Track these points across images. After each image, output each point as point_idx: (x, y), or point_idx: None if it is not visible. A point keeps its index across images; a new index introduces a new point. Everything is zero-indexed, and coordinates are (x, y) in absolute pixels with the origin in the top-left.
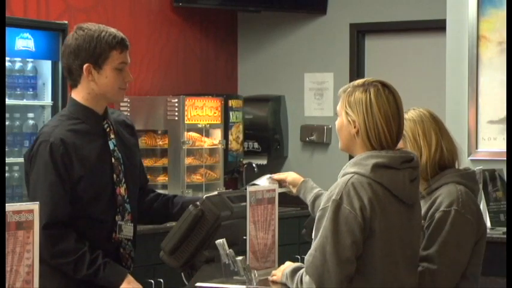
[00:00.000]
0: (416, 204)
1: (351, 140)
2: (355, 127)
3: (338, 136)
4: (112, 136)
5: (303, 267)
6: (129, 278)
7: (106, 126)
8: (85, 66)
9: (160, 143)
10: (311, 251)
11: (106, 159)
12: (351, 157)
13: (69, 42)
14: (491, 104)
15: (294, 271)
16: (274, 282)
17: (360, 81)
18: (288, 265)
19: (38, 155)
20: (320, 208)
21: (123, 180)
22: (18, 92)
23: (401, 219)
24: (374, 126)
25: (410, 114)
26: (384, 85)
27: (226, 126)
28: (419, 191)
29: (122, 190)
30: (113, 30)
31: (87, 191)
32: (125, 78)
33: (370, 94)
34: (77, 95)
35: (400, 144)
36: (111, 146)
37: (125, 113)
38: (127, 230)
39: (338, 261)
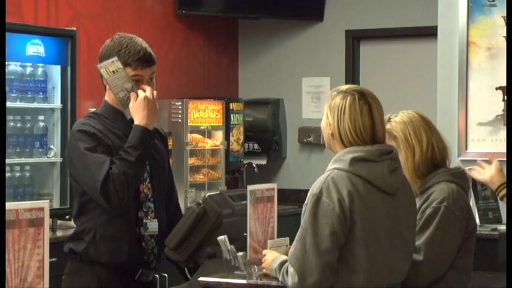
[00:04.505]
0: (400, 193)
1: (330, 140)
2: (331, 130)
3: None
4: None
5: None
6: (139, 118)
7: None
8: None
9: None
10: (293, 243)
11: None
12: None
13: (100, 49)
14: (480, 107)
15: (281, 264)
16: (266, 275)
17: (344, 87)
18: (273, 257)
19: (73, 140)
20: (304, 204)
21: (148, 180)
22: (29, 96)
23: (386, 209)
24: (344, 132)
25: (399, 117)
26: (362, 95)
27: (227, 128)
28: (414, 190)
29: (144, 188)
30: (137, 46)
31: None
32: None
33: (346, 102)
34: (108, 97)
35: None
36: None
37: None
38: (152, 226)
39: (317, 251)
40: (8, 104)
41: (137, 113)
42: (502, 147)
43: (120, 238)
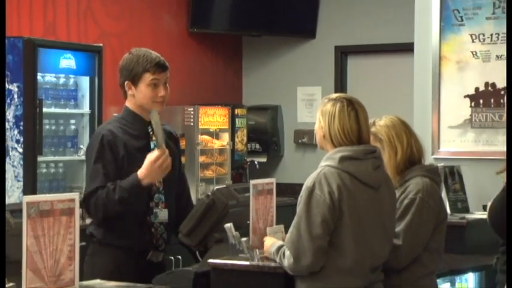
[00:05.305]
0: (383, 187)
1: (322, 141)
2: (323, 132)
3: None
4: (154, 138)
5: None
6: (140, 172)
7: (150, 130)
8: (126, 83)
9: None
10: (290, 229)
11: (146, 155)
12: None
13: (120, 62)
14: (451, 113)
15: (278, 248)
16: (267, 257)
17: (334, 95)
18: (272, 243)
19: (91, 144)
20: (299, 196)
21: None
22: (62, 103)
23: (370, 201)
24: (334, 134)
25: (383, 121)
26: (350, 102)
27: (233, 131)
28: (394, 184)
29: (156, 182)
30: (152, 55)
31: (127, 172)
32: (158, 93)
33: (336, 108)
34: (128, 103)
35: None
36: (152, 146)
37: None
38: (162, 215)
39: (310, 236)
40: (44, 110)
41: (145, 166)
42: (469, 147)
43: (133, 225)
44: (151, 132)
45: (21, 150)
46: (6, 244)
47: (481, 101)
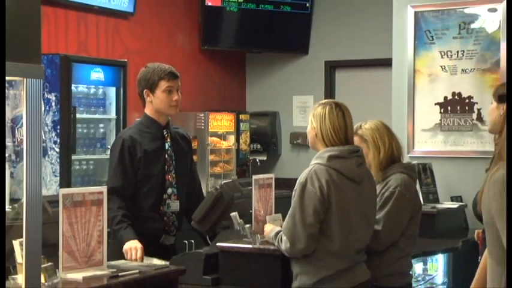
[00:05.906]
0: (365, 182)
1: (314, 140)
2: (315, 132)
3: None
4: (168, 140)
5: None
6: (131, 241)
7: (165, 133)
8: (144, 91)
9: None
10: (286, 218)
11: (161, 154)
12: None
13: (138, 75)
14: (423, 118)
15: (276, 234)
16: (267, 241)
17: (324, 100)
18: (271, 229)
19: (114, 146)
20: (294, 190)
21: (173, 171)
22: (92, 109)
23: (354, 194)
24: (326, 133)
25: (369, 125)
26: (337, 105)
27: (237, 133)
28: (376, 179)
29: (170, 177)
30: (165, 66)
31: (144, 170)
32: (173, 98)
33: (325, 110)
34: (147, 110)
35: (363, 147)
36: (166, 146)
37: None
38: (174, 205)
39: (303, 224)
40: (77, 115)
41: (129, 244)
42: (439, 147)
43: (148, 214)
44: (166, 135)
45: (57, 150)
46: (45, 230)
47: (449, 108)
